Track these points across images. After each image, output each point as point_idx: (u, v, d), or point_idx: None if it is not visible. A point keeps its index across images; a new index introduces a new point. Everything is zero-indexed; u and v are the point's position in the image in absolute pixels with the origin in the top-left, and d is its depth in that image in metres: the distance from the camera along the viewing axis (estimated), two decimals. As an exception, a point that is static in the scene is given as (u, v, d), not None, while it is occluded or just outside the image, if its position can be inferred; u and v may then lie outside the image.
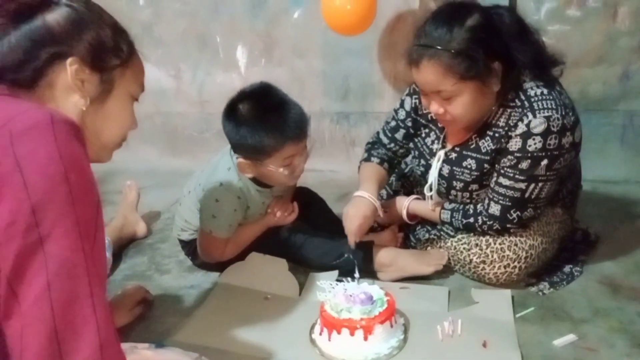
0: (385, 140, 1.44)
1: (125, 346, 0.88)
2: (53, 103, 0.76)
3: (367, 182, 1.34)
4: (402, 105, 1.40)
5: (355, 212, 1.26)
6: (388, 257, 1.30)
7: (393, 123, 1.42)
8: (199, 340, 1.10)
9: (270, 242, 1.37)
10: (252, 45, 2.18)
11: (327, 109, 2.21)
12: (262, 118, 1.21)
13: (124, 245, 1.56)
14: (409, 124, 1.39)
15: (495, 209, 1.23)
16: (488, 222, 1.25)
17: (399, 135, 1.41)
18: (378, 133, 1.47)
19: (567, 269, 1.32)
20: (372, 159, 1.43)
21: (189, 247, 1.42)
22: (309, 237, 1.37)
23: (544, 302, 1.21)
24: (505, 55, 1.14)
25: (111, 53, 0.81)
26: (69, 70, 0.75)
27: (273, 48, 2.18)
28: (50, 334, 0.58)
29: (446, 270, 1.32)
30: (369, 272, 1.30)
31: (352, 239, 1.25)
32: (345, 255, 1.27)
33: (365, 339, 1.04)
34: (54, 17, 0.76)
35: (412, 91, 1.37)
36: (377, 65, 2.10)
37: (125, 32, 0.86)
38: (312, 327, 1.13)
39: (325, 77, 2.16)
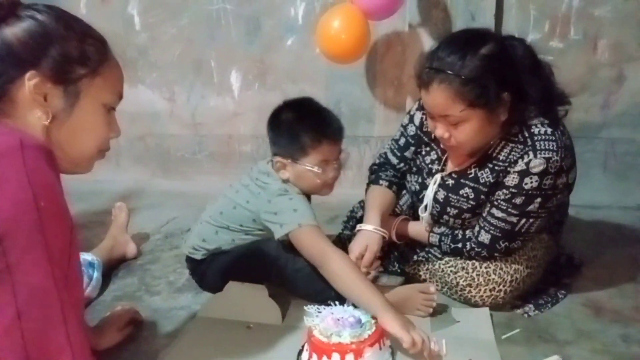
0: (394, 161, 1.43)
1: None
2: (16, 119, 0.74)
3: (372, 211, 1.33)
4: (411, 120, 1.39)
5: (357, 244, 1.27)
6: None
7: (402, 140, 1.41)
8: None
9: (258, 261, 1.33)
10: (246, 70, 2.23)
11: (318, 133, 2.25)
12: (303, 118, 1.30)
13: (114, 266, 1.56)
14: (417, 137, 1.39)
15: (485, 238, 1.26)
16: (476, 249, 1.27)
17: (409, 153, 1.40)
18: (385, 154, 1.45)
19: (552, 292, 1.34)
20: (381, 182, 1.41)
21: (199, 267, 1.40)
22: (302, 268, 1.29)
23: (529, 324, 1.23)
24: (516, 87, 1.16)
25: (76, 63, 0.78)
26: (27, 85, 0.73)
27: (267, 73, 2.23)
28: None
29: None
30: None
31: (369, 270, 1.26)
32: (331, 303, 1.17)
33: (356, 361, 1.04)
34: (14, 31, 0.73)
35: (420, 106, 1.37)
36: (368, 92, 2.15)
37: (96, 38, 0.82)
38: (299, 354, 1.12)
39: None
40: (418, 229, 1.40)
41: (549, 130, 1.19)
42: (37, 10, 0.77)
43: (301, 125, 1.29)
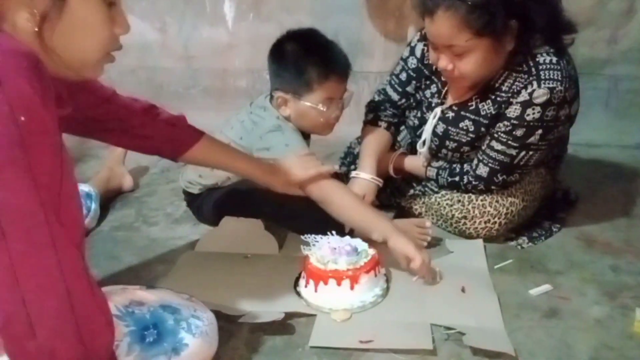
0: (395, 97, 1.39)
1: (115, 288, 0.90)
2: (5, 23, 0.65)
3: (368, 158, 1.31)
4: (412, 52, 1.35)
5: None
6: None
7: (404, 75, 1.37)
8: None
9: (254, 197, 1.31)
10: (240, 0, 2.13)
11: (315, 68, 2.19)
12: (310, 51, 1.23)
13: (111, 198, 1.56)
14: (419, 71, 1.35)
15: (483, 171, 1.25)
16: (473, 182, 1.27)
17: (411, 87, 1.36)
18: (384, 90, 1.41)
19: (546, 225, 1.36)
20: (380, 122, 1.38)
21: (195, 201, 1.40)
22: (298, 203, 1.26)
23: (522, 255, 1.26)
24: (523, 15, 1.12)
25: None
26: None
27: (261, 3, 2.13)
28: (12, 284, 0.56)
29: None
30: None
31: None
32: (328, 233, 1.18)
33: (352, 288, 1.07)
34: None
35: (422, 37, 1.32)
36: (367, 23, 2.07)
37: None
38: (296, 281, 1.15)
39: (315, 34, 2.13)
40: (415, 163, 1.39)
41: (554, 59, 1.16)
42: None
43: (308, 58, 1.22)
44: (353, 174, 1.31)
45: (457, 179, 1.30)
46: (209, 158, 1.12)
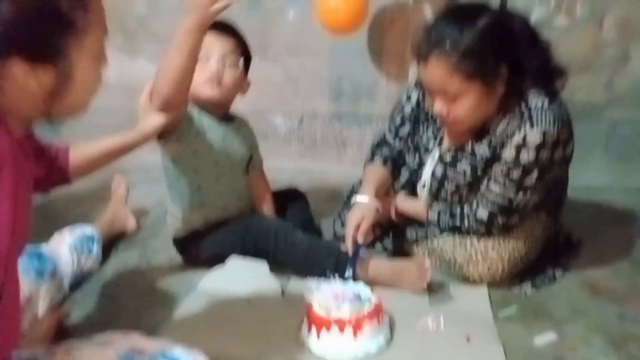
0: (390, 139, 1.43)
1: (116, 334, 0.89)
2: (11, 90, 0.68)
3: (367, 186, 1.35)
4: (408, 98, 1.39)
5: (354, 215, 1.28)
6: (369, 272, 1.26)
7: (398, 119, 1.41)
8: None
9: (255, 237, 1.34)
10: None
11: (319, 110, 2.23)
12: None
13: (114, 240, 1.56)
14: (415, 117, 1.38)
15: (482, 214, 1.26)
16: (474, 226, 1.28)
17: (405, 131, 1.41)
18: (384, 133, 1.46)
19: (549, 270, 1.35)
20: (375, 158, 1.43)
21: (179, 243, 1.43)
22: (300, 241, 1.31)
23: (526, 302, 1.25)
24: (513, 60, 1.16)
25: (57, 32, 0.68)
26: (16, 72, 0.67)
27: (268, 46, 2.19)
28: None
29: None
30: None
31: (348, 240, 1.26)
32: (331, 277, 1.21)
33: (355, 335, 1.06)
34: None
35: (417, 83, 1.36)
36: (370, 67, 2.13)
37: None
38: (299, 327, 1.14)
39: (319, 77, 2.19)
40: (416, 206, 1.40)
41: (546, 102, 1.19)
42: None
43: None
44: (353, 200, 1.34)
45: (457, 222, 1.30)
46: (89, 156, 1.16)
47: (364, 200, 1.32)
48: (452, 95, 1.16)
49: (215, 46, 1.29)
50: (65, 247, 1.31)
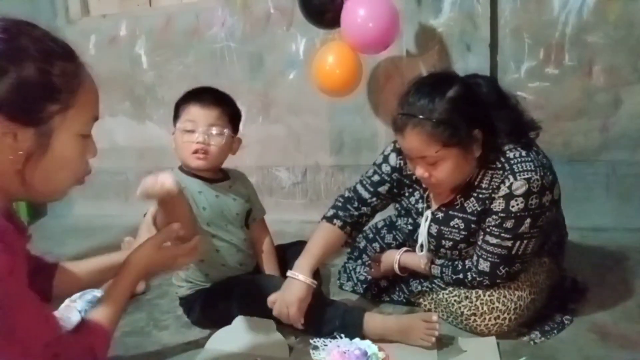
0: (365, 195, 1.43)
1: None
2: None
3: (307, 258, 1.31)
4: (386, 160, 1.42)
5: (291, 299, 1.25)
6: (376, 330, 1.26)
7: (376, 177, 1.42)
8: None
9: (260, 298, 1.32)
10: (250, 104, 2.30)
11: (322, 163, 2.30)
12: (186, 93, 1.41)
13: (123, 302, 1.58)
14: (395, 178, 1.41)
15: (484, 266, 1.28)
16: (478, 279, 1.29)
17: (383, 189, 1.42)
18: (355, 188, 1.45)
19: (557, 317, 1.34)
20: (335, 221, 1.40)
21: (184, 302, 1.45)
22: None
23: (535, 351, 1.23)
24: (485, 123, 1.22)
25: (44, 99, 0.71)
26: None
27: (270, 107, 2.29)
28: None
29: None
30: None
31: (298, 324, 1.25)
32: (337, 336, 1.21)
33: (362, 392, 1.05)
34: None
35: (395, 149, 1.40)
36: (369, 121, 2.20)
37: (65, 59, 0.73)
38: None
39: (320, 132, 2.27)
40: (419, 262, 1.40)
41: (524, 152, 1.24)
42: None
43: (183, 95, 1.40)
44: (289, 273, 1.30)
45: (461, 276, 1.31)
46: (76, 276, 1.08)
47: (300, 278, 1.27)
48: (432, 160, 1.21)
49: (200, 117, 1.35)
50: (76, 313, 1.34)
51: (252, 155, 2.35)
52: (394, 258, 1.43)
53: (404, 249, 1.45)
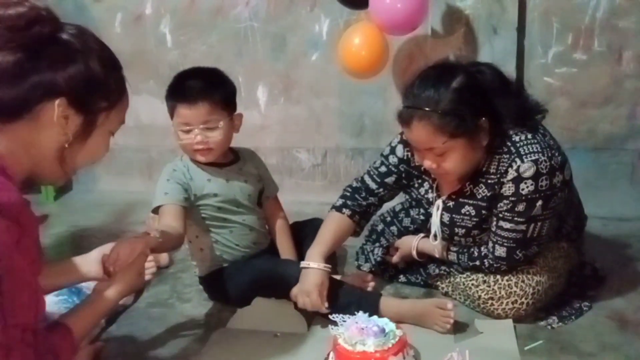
0: (373, 186, 1.43)
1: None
2: (28, 136, 0.79)
3: (318, 247, 1.33)
4: (393, 151, 1.41)
5: (309, 287, 1.26)
6: (392, 314, 1.25)
7: (383, 168, 1.42)
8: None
9: (280, 281, 1.34)
10: (272, 85, 2.30)
11: (342, 145, 2.30)
12: (170, 87, 1.37)
13: (148, 275, 1.63)
14: (402, 169, 1.40)
15: (501, 251, 1.28)
16: (495, 265, 1.29)
17: (390, 180, 1.41)
18: (362, 178, 1.45)
19: (576, 304, 1.35)
20: (344, 210, 1.41)
21: (203, 281, 1.48)
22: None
23: (552, 336, 1.24)
24: (491, 111, 1.21)
25: (100, 97, 0.83)
26: (56, 110, 0.78)
27: (292, 88, 2.29)
28: None
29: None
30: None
31: (322, 309, 1.26)
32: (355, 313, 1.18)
33: (380, 369, 1.08)
34: (53, 57, 0.77)
35: (402, 141, 1.38)
36: (391, 104, 2.19)
37: (119, 70, 0.87)
38: (325, 360, 1.16)
39: (341, 115, 2.26)
40: (436, 249, 1.40)
41: (529, 135, 1.23)
42: (73, 36, 0.80)
43: (168, 90, 1.36)
44: (302, 264, 1.31)
45: (477, 263, 1.32)
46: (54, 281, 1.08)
47: (314, 265, 1.29)
48: (440, 151, 1.21)
49: (191, 118, 1.31)
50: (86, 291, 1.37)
51: (272, 136, 2.36)
52: (412, 244, 1.43)
53: (421, 235, 1.44)
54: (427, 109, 1.17)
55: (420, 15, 1.76)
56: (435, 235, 1.36)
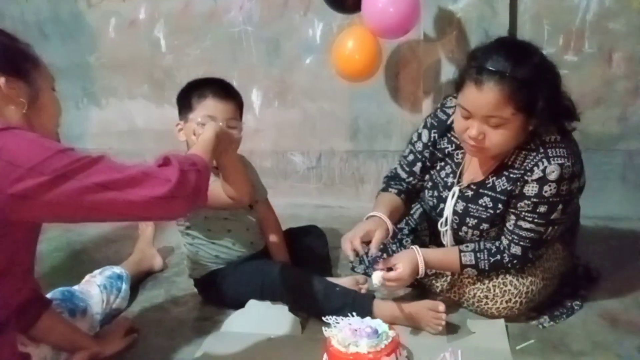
0: (403, 175, 1.46)
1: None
2: (4, 115, 0.93)
3: (378, 207, 1.35)
4: (419, 137, 1.42)
5: (364, 224, 1.27)
6: (385, 316, 1.26)
7: (411, 157, 1.44)
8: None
9: (270, 283, 1.37)
10: (266, 89, 2.31)
11: (337, 148, 2.31)
12: (195, 83, 1.42)
13: (142, 279, 1.63)
14: (427, 155, 1.40)
15: (516, 250, 1.27)
16: (513, 261, 1.29)
17: (417, 168, 1.43)
18: (395, 169, 1.49)
19: (567, 303, 1.36)
20: (390, 189, 1.44)
21: (197, 284, 1.50)
22: (312, 279, 1.35)
23: (544, 335, 1.25)
24: (552, 99, 1.17)
25: (20, 57, 0.97)
26: (3, 87, 0.93)
27: (286, 92, 2.30)
28: None
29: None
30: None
31: (346, 244, 1.24)
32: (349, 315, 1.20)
33: (373, 371, 1.08)
34: None
35: (429, 125, 1.39)
36: (385, 107, 2.21)
37: (17, 38, 0.99)
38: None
39: (335, 118, 2.28)
40: (446, 256, 1.34)
41: (558, 137, 1.23)
42: None
43: (191, 86, 1.41)
44: (366, 216, 1.32)
45: (498, 257, 1.29)
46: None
47: (377, 214, 1.30)
48: (497, 122, 1.17)
49: (219, 111, 1.35)
50: (96, 287, 1.38)
51: (267, 139, 2.37)
52: (417, 261, 1.29)
53: (416, 248, 1.32)
54: (507, 75, 1.12)
55: (412, 19, 1.77)
56: (445, 221, 1.36)
